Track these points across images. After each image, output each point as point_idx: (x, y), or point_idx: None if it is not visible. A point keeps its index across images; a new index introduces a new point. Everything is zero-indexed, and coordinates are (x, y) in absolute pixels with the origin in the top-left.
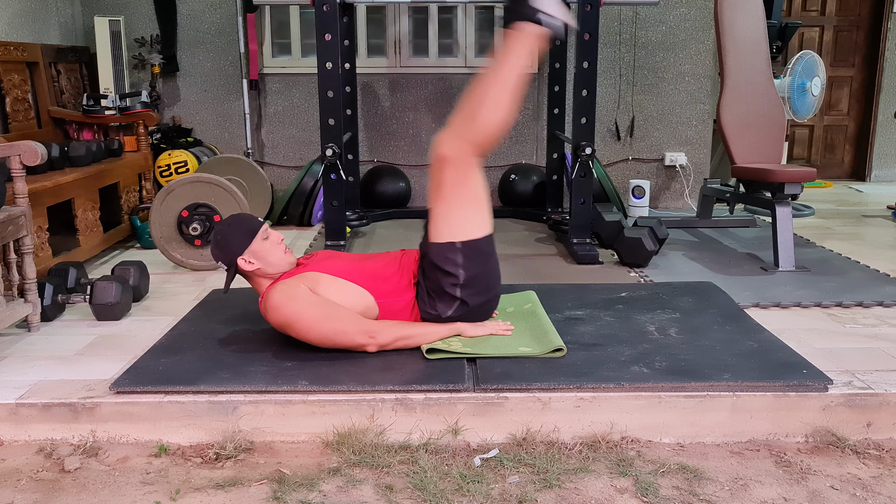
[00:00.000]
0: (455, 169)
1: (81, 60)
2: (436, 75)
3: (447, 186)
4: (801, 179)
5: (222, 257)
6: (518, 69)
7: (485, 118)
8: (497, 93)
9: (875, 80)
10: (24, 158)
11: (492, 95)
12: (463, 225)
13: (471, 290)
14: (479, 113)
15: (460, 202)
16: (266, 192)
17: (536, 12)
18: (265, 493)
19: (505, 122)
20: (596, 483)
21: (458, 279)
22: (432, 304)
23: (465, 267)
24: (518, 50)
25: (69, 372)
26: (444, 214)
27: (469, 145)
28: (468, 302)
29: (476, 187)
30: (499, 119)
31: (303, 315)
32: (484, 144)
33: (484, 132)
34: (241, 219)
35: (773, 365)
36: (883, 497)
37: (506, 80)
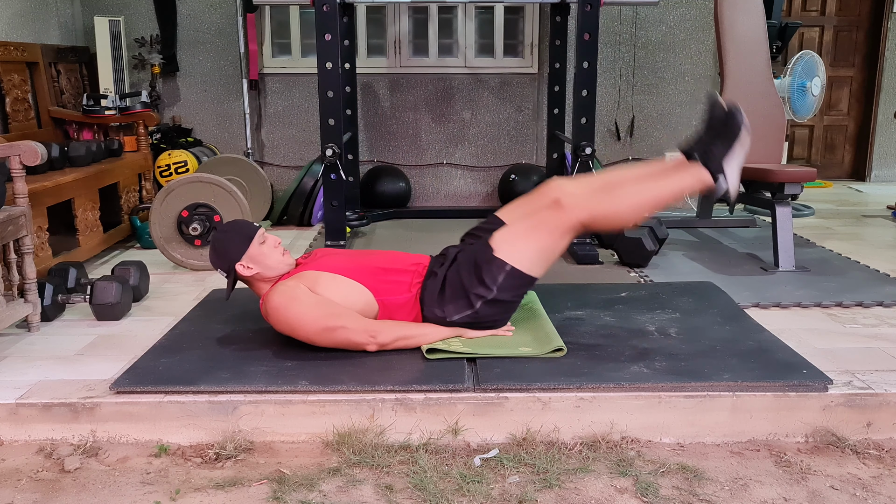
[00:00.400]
0: (558, 218)
1: (81, 60)
2: (436, 75)
3: (539, 221)
4: (801, 179)
5: (221, 264)
6: (671, 194)
7: (615, 202)
8: (640, 192)
9: (875, 80)
10: (24, 158)
11: (634, 192)
12: (525, 257)
13: (489, 308)
14: (614, 194)
15: (538, 242)
16: (266, 192)
17: (720, 171)
18: (265, 493)
19: (626, 220)
20: (596, 483)
21: (489, 294)
22: (442, 302)
23: (500, 287)
24: (682, 179)
25: (69, 372)
26: (518, 237)
27: (586, 212)
28: (480, 313)
29: (557, 244)
30: (624, 214)
31: (303, 315)
32: (596, 221)
33: (605, 213)
34: (237, 225)
35: (773, 365)
36: (883, 497)
37: (653, 191)
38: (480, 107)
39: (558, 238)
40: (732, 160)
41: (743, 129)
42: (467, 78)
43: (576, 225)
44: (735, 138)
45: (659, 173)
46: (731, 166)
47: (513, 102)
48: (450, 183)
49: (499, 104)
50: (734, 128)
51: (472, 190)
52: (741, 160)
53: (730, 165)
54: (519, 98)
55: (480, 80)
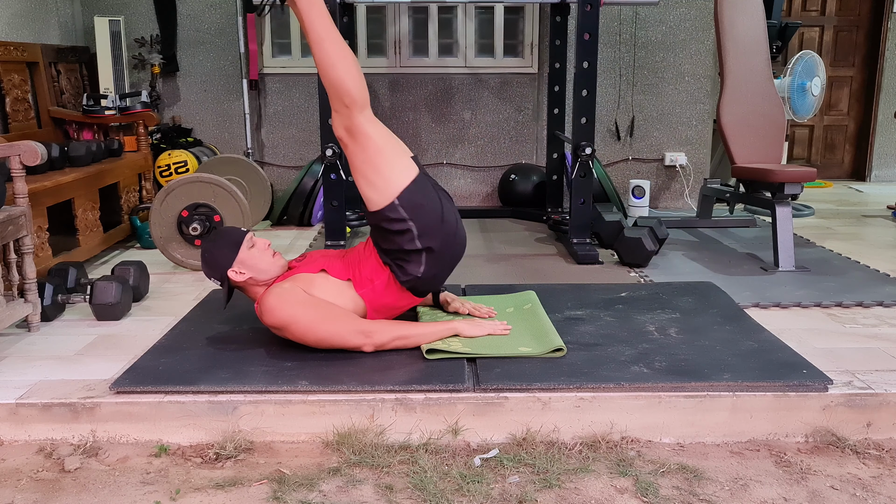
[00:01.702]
0: (351, 139)
1: (81, 60)
2: (436, 75)
3: (355, 159)
4: (801, 179)
5: (213, 273)
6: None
7: (330, 80)
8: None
9: (875, 80)
10: (24, 158)
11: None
12: (388, 182)
13: (429, 235)
14: (326, 81)
15: (372, 165)
16: (266, 192)
17: None
18: (265, 493)
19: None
20: (596, 483)
21: (413, 231)
22: (404, 270)
23: (412, 217)
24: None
25: (69, 372)
26: (368, 183)
27: (342, 109)
28: (433, 247)
29: (376, 142)
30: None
31: (299, 317)
32: (346, 99)
33: (338, 90)
34: (224, 232)
35: (773, 365)
36: (883, 497)
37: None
38: (480, 107)
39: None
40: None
41: None
42: (467, 78)
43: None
44: None
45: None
46: None
47: (513, 102)
48: (450, 183)
49: (499, 104)
50: None
51: (472, 190)
52: None
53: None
54: (519, 98)
55: (480, 80)
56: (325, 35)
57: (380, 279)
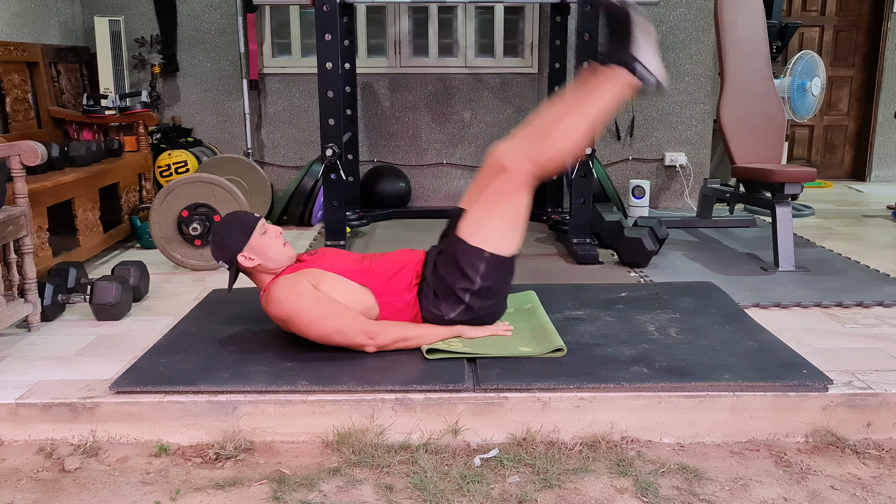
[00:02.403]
0: (507, 181)
1: (81, 60)
2: (436, 75)
3: (493, 193)
4: (801, 179)
5: (222, 256)
6: (601, 108)
7: (554, 143)
8: (574, 123)
9: (875, 80)
10: (24, 158)
11: (568, 124)
12: (495, 236)
13: (479, 298)
14: (551, 137)
15: (500, 213)
16: (266, 192)
17: (635, 62)
18: (265, 493)
19: (573, 153)
20: (596, 483)
21: (473, 285)
22: (437, 303)
23: (483, 276)
24: (606, 90)
25: (69, 372)
26: (481, 218)
27: (530, 164)
28: (473, 307)
29: (519, 206)
30: (567, 148)
31: (304, 311)
32: (544, 167)
33: (549, 157)
34: (238, 216)
35: (773, 365)
36: (883, 497)
37: (586, 114)
38: (480, 107)
39: (517, 200)
40: (640, 47)
41: (631, 12)
42: (467, 78)
43: (526, 179)
44: (629, 25)
45: (585, 95)
46: (644, 53)
47: (513, 102)
48: (450, 183)
49: (499, 104)
50: (623, 17)
51: None
52: (651, 44)
53: (642, 53)
54: (519, 98)
55: (480, 80)
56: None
57: (402, 300)
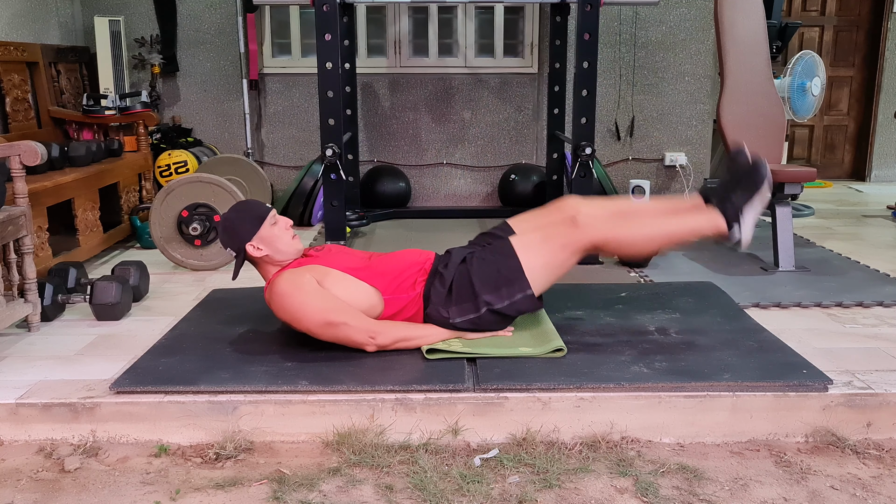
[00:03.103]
0: (571, 235)
1: (81, 60)
2: (436, 75)
3: (554, 235)
4: (801, 179)
5: (231, 243)
6: (685, 234)
7: (628, 232)
8: (653, 227)
9: (875, 80)
10: (24, 158)
11: (648, 224)
12: (539, 274)
13: (493, 315)
14: (629, 225)
15: (552, 257)
16: (266, 192)
17: (736, 220)
18: (265, 493)
19: (635, 252)
20: (596, 483)
21: (496, 305)
22: (448, 303)
23: (511, 303)
24: (696, 222)
25: (69, 372)
26: (535, 249)
27: (599, 234)
28: (482, 320)
29: (568, 262)
30: (635, 245)
31: (306, 306)
32: (604, 246)
33: (616, 239)
34: (249, 205)
35: (773, 365)
36: (883, 497)
37: (669, 231)
38: (480, 107)
39: (569, 255)
40: (750, 211)
41: (765, 182)
42: (467, 78)
43: (587, 245)
44: (756, 190)
45: (676, 211)
46: (748, 217)
47: (513, 102)
48: (450, 183)
49: (499, 104)
50: (757, 180)
51: (472, 190)
52: (758, 212)
53: (746, 216)
54: (519, 98)
55: (480, 80)
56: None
57: (407, 296)
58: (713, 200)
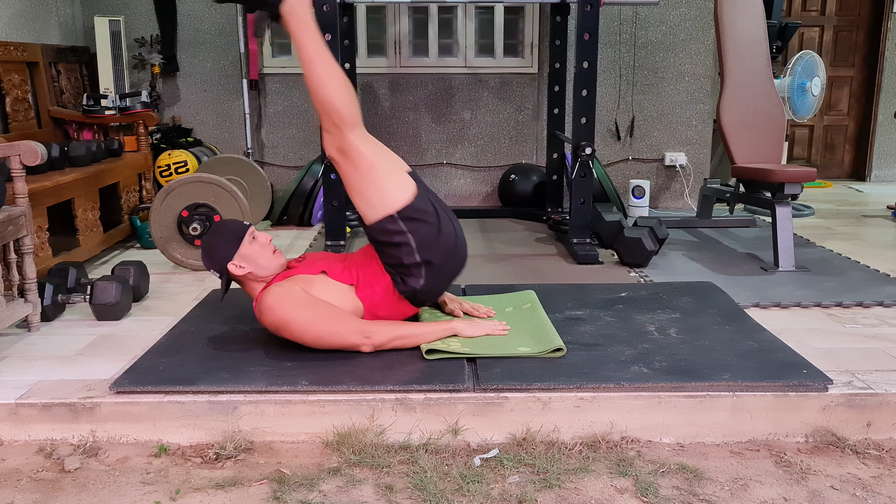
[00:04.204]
0: (343, 157)
1: (81, 60)
2: (436, 75)
3: (349, 177)
4: (801, 179)
5: (213, 265)
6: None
7: (319, 99)
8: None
9: (875, 80)
10: (24, 158)
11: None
12: (384, 197)
13: (428, 248)
14: (316, 100)
15: (366, 181)
16: (266, 192)
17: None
18: (265, 493)
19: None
20: (596, 483)
21: (411, 244)
22: (404, 281)
23: (411, 230)
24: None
25: (69, 372)
26: (363, 199)
27: (332, 129)
28: (432, 261)
29: (369, 159)
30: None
31: (297, 316)
32: (336, 119)
33: (328, 109)
34: (227, 225)
35: (773, 365)
36: (883, 497)
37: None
38: (480, 107)
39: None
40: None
41: None
42: (467, 78)
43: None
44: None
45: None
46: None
47: (513, 102)
48: (450, 183)
49: (499, 104)
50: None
51: (472, 190)
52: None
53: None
54: (519, 98)
55: (480, 80)
56: (315, 55)
57: (380, 285)
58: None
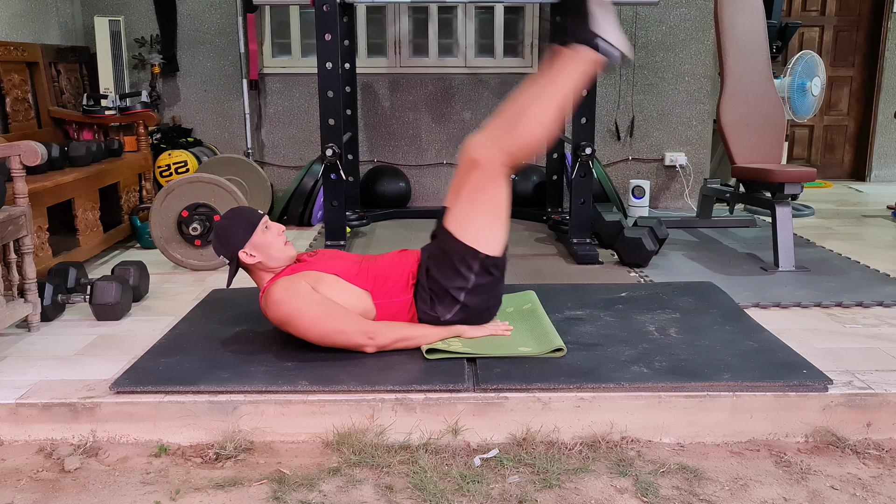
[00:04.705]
0: (483, 174)
1: (81, 60)
2: (436, 75)
3: (471, 190)
4: (801, 179)
5: (224, 251)
6: (567, 91)
7: (524, 131)
8: (541, 109)
9: (875, 80)
10: (24, 158)
11: (536, 111)
12: (483, 233)
13: (475, 296)
14: (520, 125)
15: (483, 209)
16: (266, 192)
17: (595, 38)
18: (265, 493)
19: (543, 138)
20: (596, 483)
21: (467, 284)
22: (432, 305)
23: (477, 274)
24: (570, 72)
25: (69, 372)
26: (466, 216)
27: (502, 154)
28: (469, 306)
29: (499, 198)
30: (538, 135)
31: (303, 312)
32: (517, 156)
33: (520, 144)
34: (241, 212)
35: (773, 365)
36: (883, 497)
37: (552, 98)
38: (480, 107)
39: (495, 193)
40: (599, 22)
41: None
42: (467, 78)
43: (500, 170)
44: (584, 3)
45: (551, 79)
46: (604, 28)
47: None
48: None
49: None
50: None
51: None
52: (610, 17)
53: (601, 28)
54: None
55: (480, 80)
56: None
57: (400, 299)
58: (568, 41)
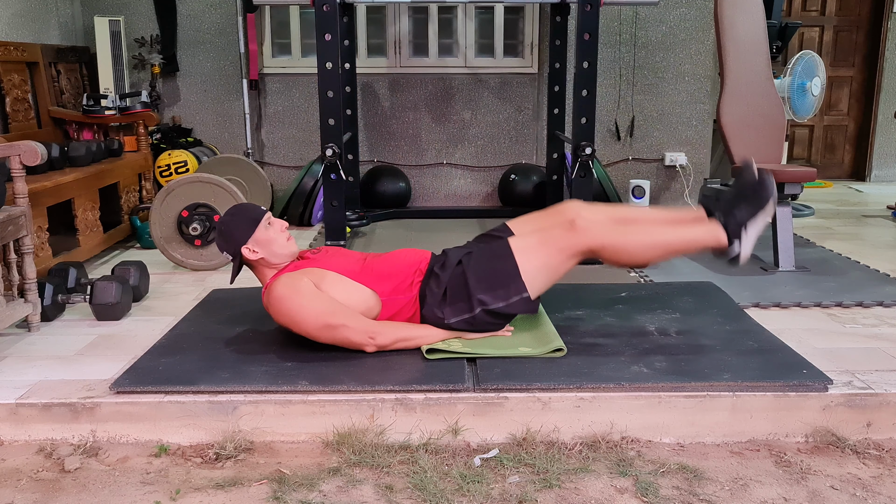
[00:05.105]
0: (569, 238)
1: (81, 60)
2: (436, 75)
3: (552, 238)
4: (801, 179)
5: (227, 247)
6: (684, 244)
7: (627, 240)
8: (653, 237)
9: (875, 80)
10: (24, 158)
11: (648, 233)
12: (537, 277)
13: (488, 317)
14: (629, 232)
15: (548, 258)
16: (266, 192)
17: (738, 235)
18: (265, 493)
19: (632, 260)
20: (596, 483)
21: (490, 305)
22: (442, 304)
23: (507, 305)
24: (699, 235)
25: (69, 372)
26: (533, 251)
27: (596, 240)
28: (477, 320)
29: (563, 264)
30: (632, 253)
31: (305, 309)
32: (602, 252)
33: (614, 246)
34: (245, 208)
35: (773, 365)
36: (883, 497)
37: (668, 240)
38: (480, 107)
39: (566, 258)
40: (753, 228)
41: (771, 200)
42: (467, 78)
43: (584, 249)
44: (762, 207)
45: (676, 221)
46: (750, 233)
47: (513, 102)
48: (450, 183)
49: (499, 104)
50: (763, 196)
51: (472, 190)
52: (761, 229)
53: (749, 232)
54: (519, 98)
55: (480, 80)
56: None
57: (404, 297)
58: (716, 213)
